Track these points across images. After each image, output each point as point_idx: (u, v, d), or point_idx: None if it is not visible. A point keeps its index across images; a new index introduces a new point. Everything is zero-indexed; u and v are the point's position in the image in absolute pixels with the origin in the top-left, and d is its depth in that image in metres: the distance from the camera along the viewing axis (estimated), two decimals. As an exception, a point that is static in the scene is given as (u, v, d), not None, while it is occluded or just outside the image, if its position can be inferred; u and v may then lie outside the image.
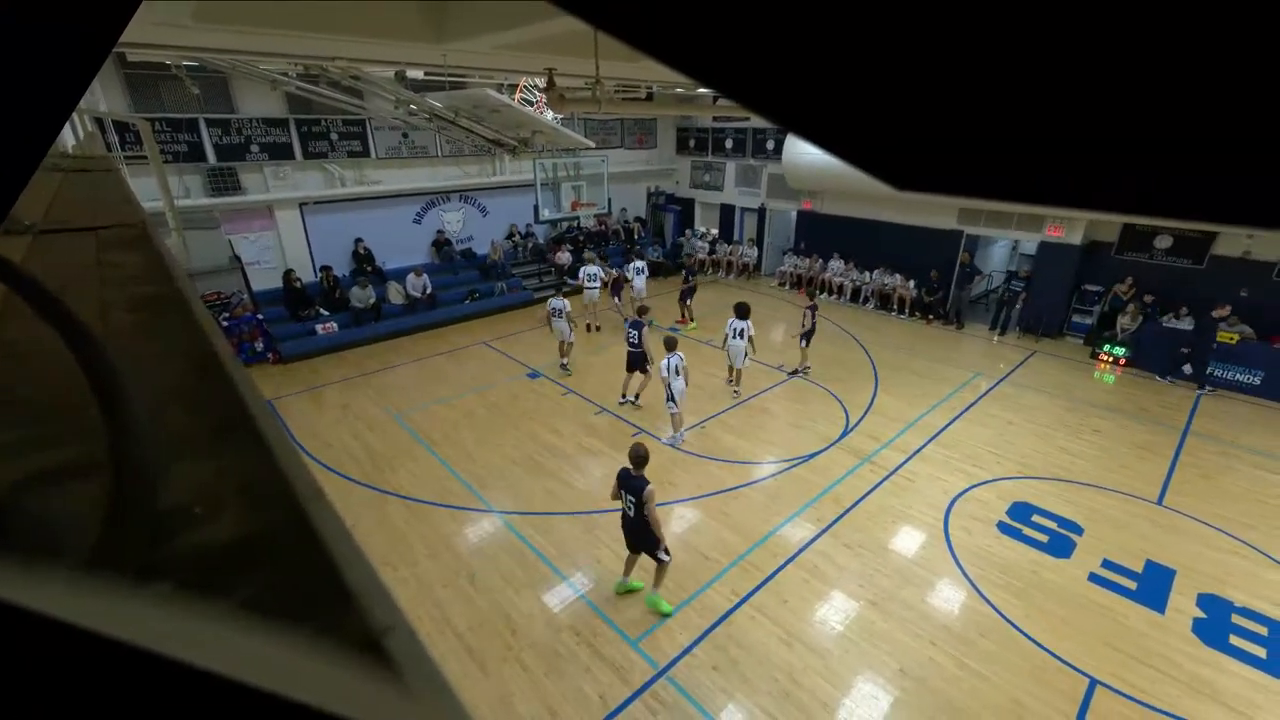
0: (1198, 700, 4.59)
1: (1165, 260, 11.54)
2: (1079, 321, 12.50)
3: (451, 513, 6.76)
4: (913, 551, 6.21)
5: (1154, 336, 10.97)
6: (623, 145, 17.86)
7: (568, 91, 7.72)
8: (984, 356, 11.76)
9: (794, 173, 14.83)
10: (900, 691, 4.64)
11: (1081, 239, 12.03)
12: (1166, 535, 6.51)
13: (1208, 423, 9.13)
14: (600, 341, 12.22)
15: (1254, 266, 10.65)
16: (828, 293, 15.51)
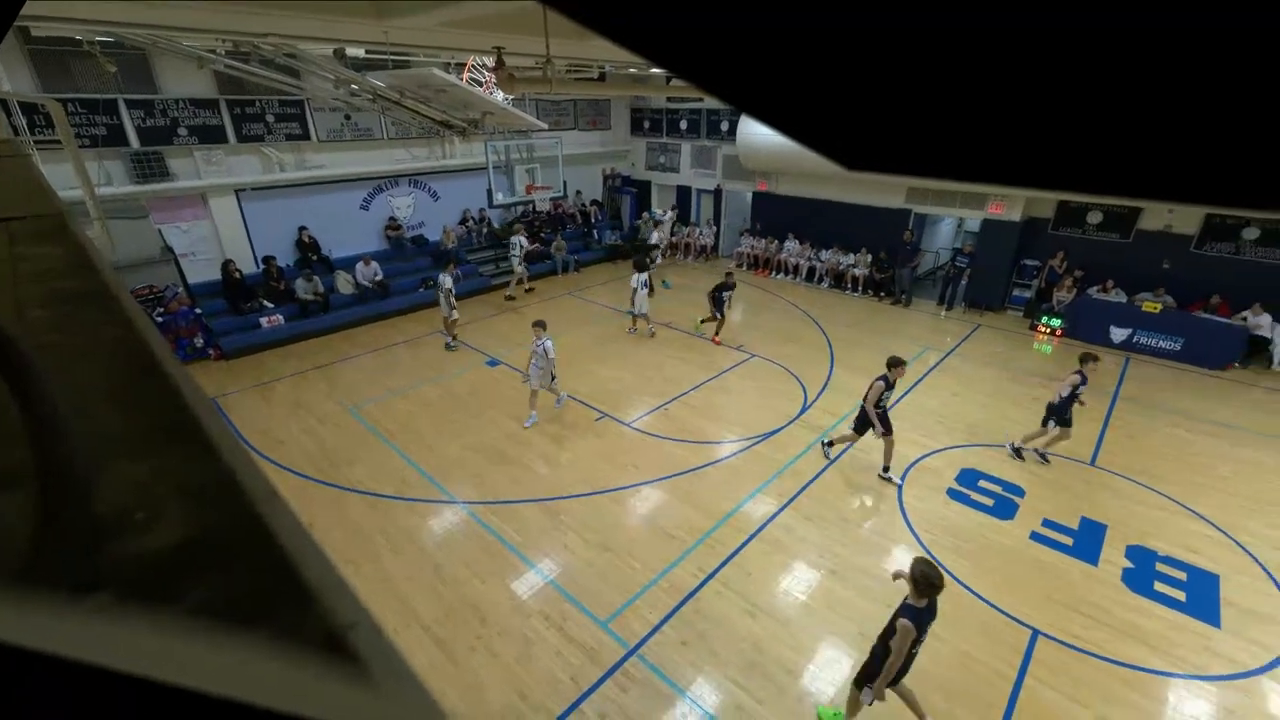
0: (1126, 643, 4.98)
1: (1096, 235, 12.20)
2: (1019, 295, 13.12)
3: (413, 506, 6.64)
4: (869, 520, 6.46)
5: (1086, 308, 11.63)
6: (576, 127, 17.58)
7: (518, 71, 7.52)
8: (932, 331, 12.22)
9: (748, 153, 14.93)
10: (860, 653, 4.85)
11: (1021, 216, 12.58)
12: (1098, 493, 6.97)
13: (1134, 387, 9.77)
14: (556, 329, 12.12)
15: (1175, 239, 11.38)
16: (784, 273, 15.78)
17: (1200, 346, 10.56)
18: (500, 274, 14.91)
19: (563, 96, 16.58)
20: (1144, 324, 11.02)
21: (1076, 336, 11.64)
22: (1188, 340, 10.67)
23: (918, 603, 3.84)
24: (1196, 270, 11.18)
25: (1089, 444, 8.00)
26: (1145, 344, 11.04)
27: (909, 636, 3.75)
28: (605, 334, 11.75)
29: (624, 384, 9.54)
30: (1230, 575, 5.74)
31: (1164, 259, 11.49)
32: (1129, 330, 11.17)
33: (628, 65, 9.65)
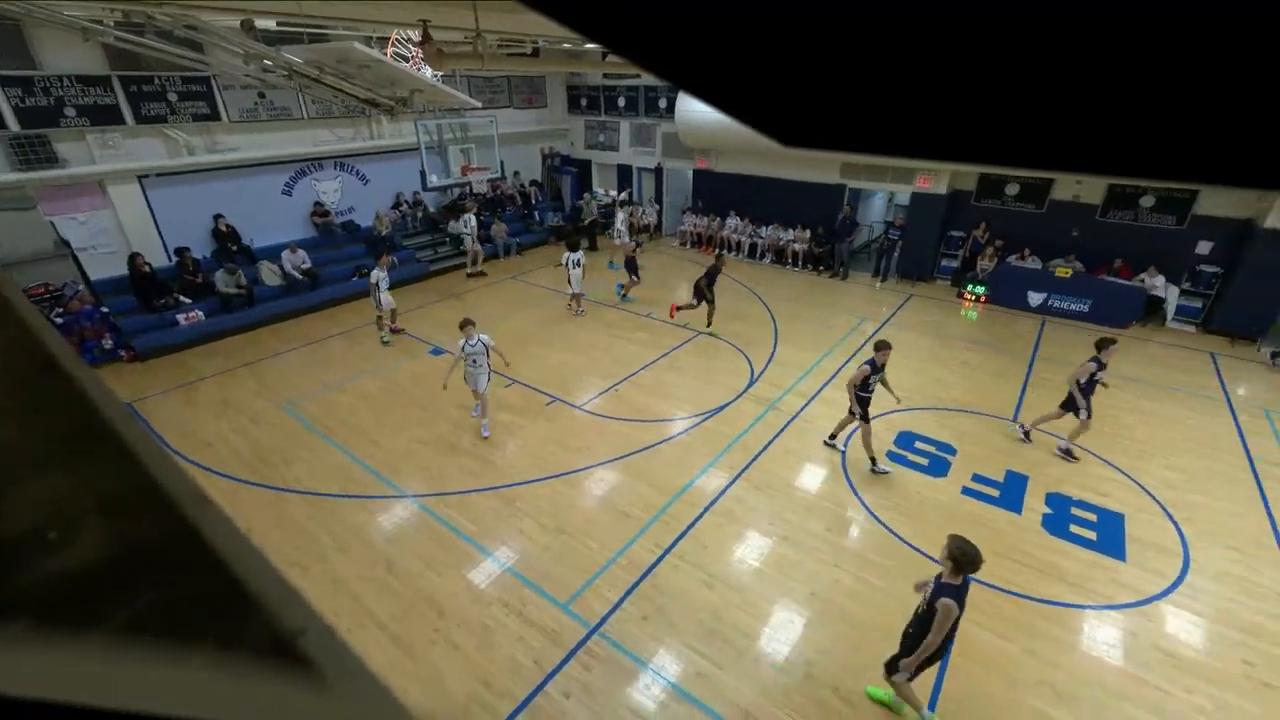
0: (1047, 582, 5.44)
1: (1014, 206, 12.95)
2: (946, 265, 13.82)
3: (359, 503, 6.43)
4: (816, 487, 6.74)
5: (1007, 275, 12.39)
6: (511, 105, 17.06)
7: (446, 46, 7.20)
8: (868, 302, 12.72)
9: (687, 130, 14.92)
10: (812, 612, 5.10)
11: (946, 189, 13.18)
12: (1020, 448, 7.52)
13: (1049, 348, 10.53)
14: (499, 314, 11.89)
15: (1083, 209, 12.23)
16: (726, 250, 15.98)
17: (1106, 307, 11.47)
18: (439, 259, 14.42)
19: (495, 73, 16.05)
20: (1057, 288, 11.86)
21: (998, 302, 12.40)
22: (1095, 302, 11.57)
23: (955, 580, 3.77)
24: (1101, 237, 12.07)
25: (1011, 402, 8.59)
26: (1058, 306, 11.89)
27: (952, 615, 3.68)
28: (550, 317, 11.62)
29: (573, 367, 9.49)
30: (1133, 514, 6.34)
31: (1073, 227, 12.34)
32: (1044, 294, 11.99)
33: (562, 40, 9.41)
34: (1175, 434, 7.83)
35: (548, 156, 18.78)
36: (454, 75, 14.05)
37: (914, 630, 3.97)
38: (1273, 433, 7.93)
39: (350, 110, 11.51)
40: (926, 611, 3.82)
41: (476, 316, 11.54)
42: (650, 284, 13.53)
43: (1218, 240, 11.13)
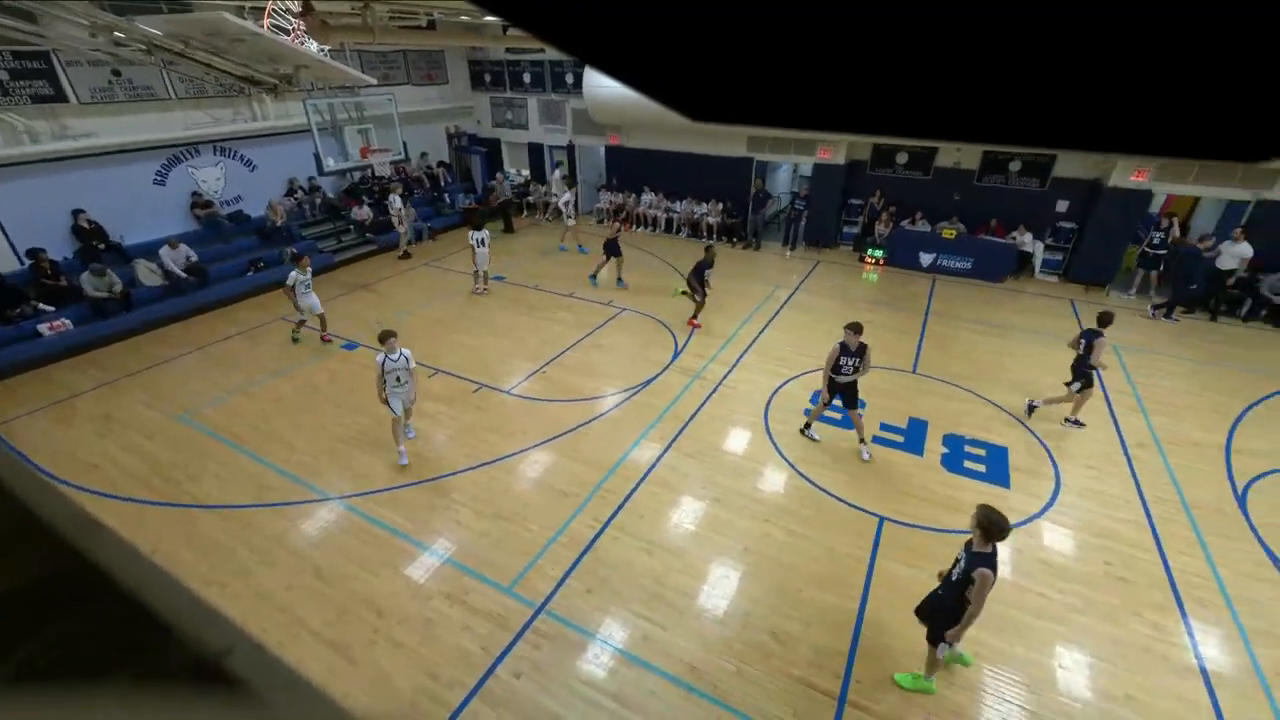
0: (949, 514, 6.00)
1: (904, 174, 13.79)
2: (848, 231, 14.57)
3: (279, 510, 6.02)
4: (742, 449, 7.02)
5: (901, 238, 13.25)
6: (410, 81, 16.04)
7: (331, 17, 6.64)
8: (780, 271, 13.22)
9: (596, 106, 14.68)
10: (746, 566, 5.36)
11: (844, 159, 13.82)
12: (920, 395, 8.17)
13: (939, 304, 11.43)
14: (415, 301, 11.36)
15: (963, 174, 13.22)
16: (643, 225, 16.01)
17: (984, 264, 12.57)
18: (344, 248, 13.49)
19: (389, 47, 14.98)
20: (944, 248, 12.84)
21: (895, 264, 13.27)
22: (976, 259, 12.64)
23: (985, 548, 3.79)
24: (979, 199, 13.14)
25: (910, 356, 9.28)
26: (946, 265, 12.89)
27: (989, 583, 3.70)
28: (470, 302, 11.23)
29: (498, 351, 9.26)
30: (1014, 446, 7.09)
31: (955, 192, 13.34)
32: (934, 255, 12.96)
33: (459, 12, 8.91)
34: (1045, 373, 8.77)
35: (454, 136, 17.89)
36: (343, 49, 12.98)
37: (943, 593, 4.05)
38: (1120, 365, 9.06)
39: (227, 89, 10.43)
40: (963, 580, 3.83)
41: (391, 306, 10.99)
42: (568, 263, 13.36)
43: (1073, 199, 12.43)
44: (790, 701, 4.22)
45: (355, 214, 13.90)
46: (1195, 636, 4.76)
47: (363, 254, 13.62)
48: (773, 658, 4.53)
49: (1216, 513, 6.09)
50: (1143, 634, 4.77)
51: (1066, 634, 4.76)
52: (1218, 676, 4.45)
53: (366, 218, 13.93)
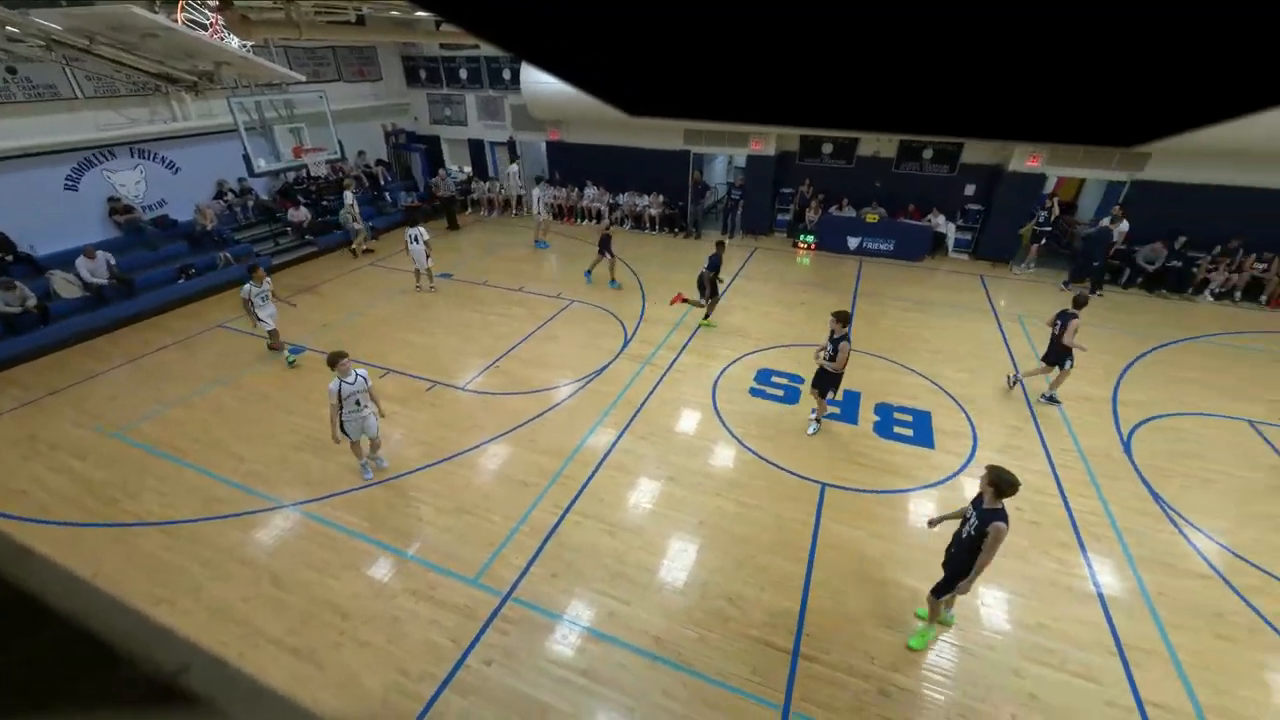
0: (881, 475, 6.31)
1: (830, 163, 14.21)
2: (781, 218, 14.91)
3: (229, 522, 5.68)
4: (693, 429, 7.13)
5: (830, 224, 13.68)
6: (342, 78, 15.19)
7: (252, 11, 6.19)
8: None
9: (535, 102, 14.35)
10: (702, 539, 5.48)
11: (775, 151, 14.09)
12: (854, 369, 8.47)
13: (867, 284, 11.90)
14: (362, 303, 10.89)
15: (882, 162, 13.75)
16: (587, 218, 15.85)
17: (905, 245, 13.16)
18: (281, 251, 12.71)
19: (317, 42, 14.13)
20: (868, 232, 13.35)
21: (825, 248, 13.70)
22: (897, 241, 13.22)
23: (996, 504, 3.90)
24: (897, 185, 13.72)
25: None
26: (871, 248, 13.42)
27: (1003, 536, 3.84)
28: (418, 301, 10.85)
29: (449, 348, 9.00)
30: (936, 410, 7.51)
31: (876, 179, 13.87)
32: (860, 238, 13.46)
33: (389, 7, 8.47)
34: (960, 342, 9.32)
35: (391, 134, 17.09)
36: (267, 45, 12.13)
37: (955, 550, 4.21)
38: (1023, 332, 9.73)
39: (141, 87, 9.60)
40: (976, 536, 3.95)
41: (337, 308, 10.48)
42: (516, 258, 13.10)
43: (978, 183, 13.15)
44: (749, 660, 4.36)
45: (292, 215, 13.10)
46: (1093, 567, 5.22)
47: (303, 256, 12.89)
48: (731, 621, 4.66)
49: (1106, 458, 6.67)
50: (1050, 569, 5.20)
51: (987, 575, 5.11)
52: (1112, 600, 4.91)
53: (304, 219, 13.16)
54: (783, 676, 4.25)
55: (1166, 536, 5.56)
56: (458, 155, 17.91)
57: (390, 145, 17.13)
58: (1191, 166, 11.08)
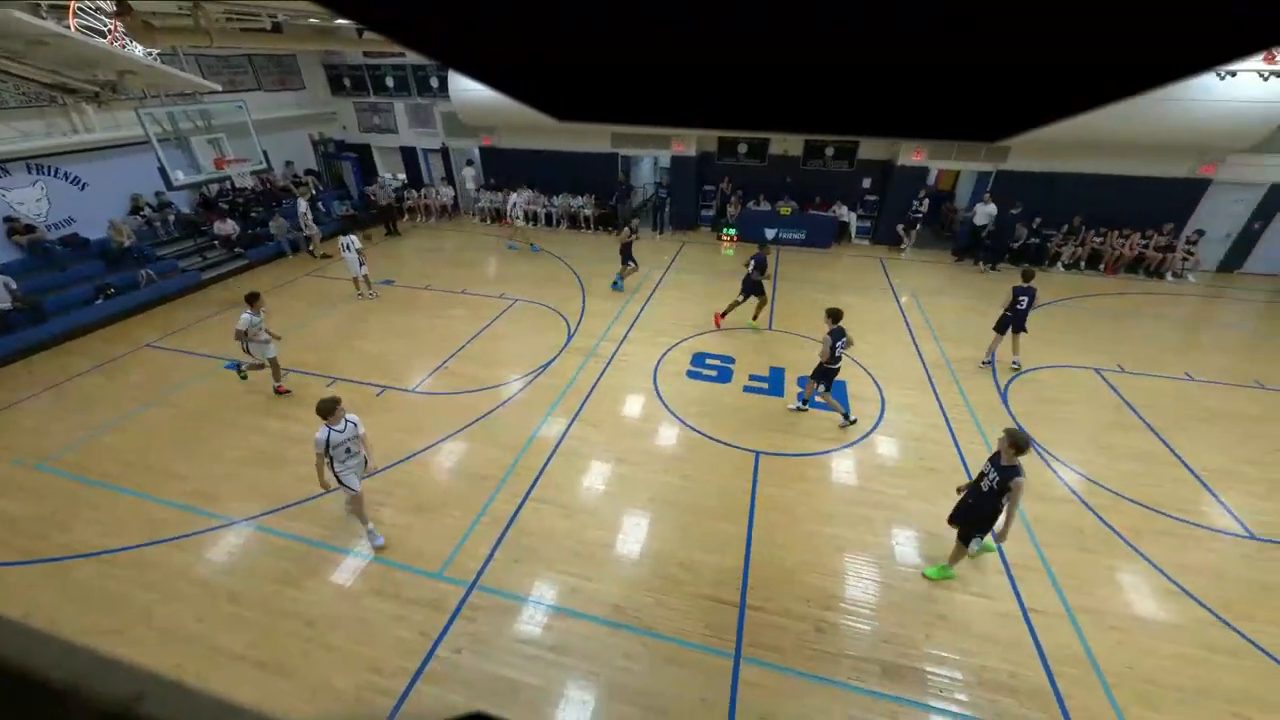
0: (806, 441, 6.62)
1: (745, 161, 14.55)
2: (705, 214, 15.17)
3: (176, 545, 5.20)
4: (638, 412, 7.19)
5: (749, 217, 14.05)
6: (261, 87, 13.97)
7: (155, 17, 5.58)
8: (653, 253, 13.48)
9: (465, 109, 13.80)
10: (653, 513, 5.55)
11: (696, 151, 14.27)
12: (776, 348, 8.84)
13: (784, 270, 12.34)
14: (303, 315, 10.18)
15: (791, 160, 14.22)
16: (525, 221, 15.48)
17: (814, 234, 13.74)
18: (211, 265, 11.64)
19: (231, 50, 12.90)
20: (783, 224, 13.83)
21: (746, 239, 14.07)
22: (808, 230, 13.77)
23: (1014, 461, 4.16)
24: (806, 180, 14.25)
25: (765, 316, 9.97)
26: (785, 237, 13.91)
27: (1023, 488, 4.15)
28: (360, 309, 10.26)
29: (396, 353, 8.59)
30: (850, 379, 7.94)
31: (787, 175, 14.35)
32: (775, 229, 13.91)
33: (306, 14, 7.85)
34: (866, 319, 9.87)
35: (319, 143, 15.94)
36: (175, 53, 10.97)
37: (974, 502, 4.46)
38: (918, 308, 10.42)
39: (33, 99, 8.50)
40: (998, 489, 4.22)
41: (276, 321, 9.74)
42: (457, 262, 12.64)
43: (874, 177, 13.89)
44: (702, 617, 4.49)
45: (218, 229, 12.00)
46: (983, 502, 5.73)
47: (235, 270, 11.86)
48: (684, 584, 4.77)
49: (989, 409, 7.30)
50: (948, 506, 5.64)
51: (899, 518, 5.51)
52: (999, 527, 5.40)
53: (232, 232, 12.09)
54: (733, 627, 4.41)
55: (1038, 471, 6.17)
56: (391, 163, 16.97)
57: (319, 154, 15.99)
58: (1043, 158, 12.19)
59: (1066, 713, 3.86)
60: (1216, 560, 5.08)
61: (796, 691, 3.98)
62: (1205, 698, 3.95)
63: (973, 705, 3.90)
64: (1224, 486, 5.95)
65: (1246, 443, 6.66)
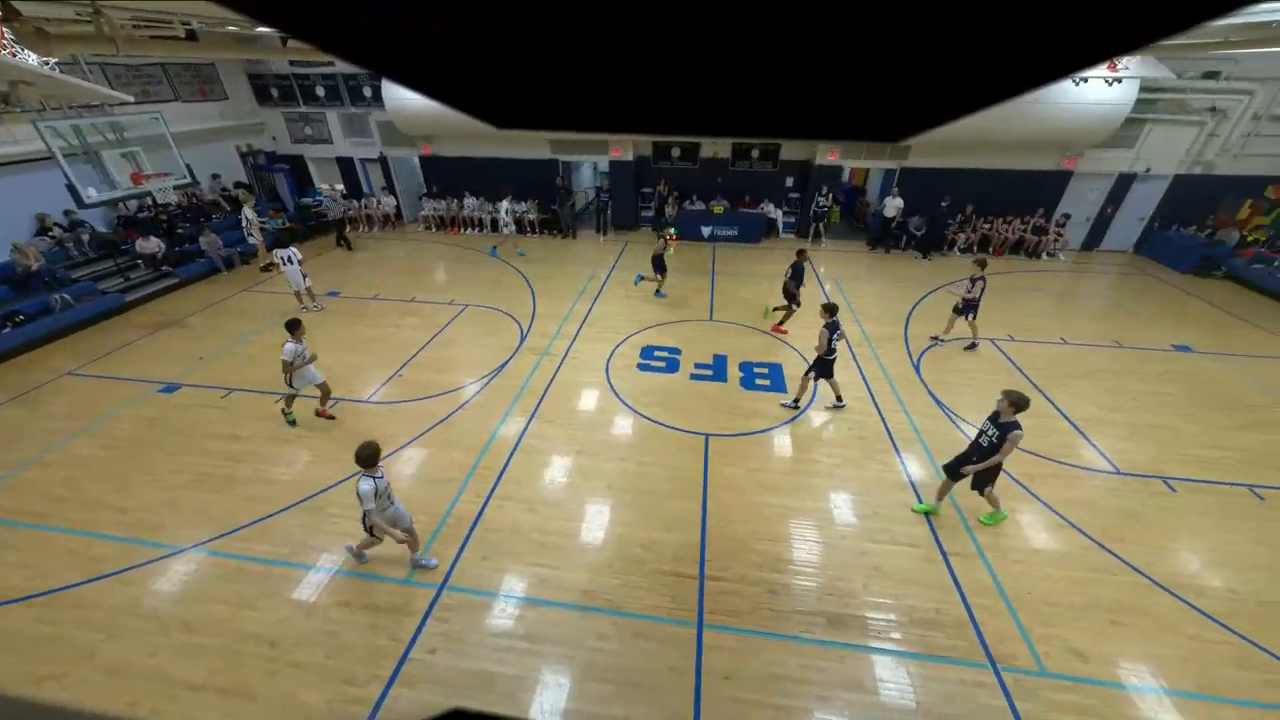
0: (750, 420, 6.82)
1: (680, 164, 14.70)
2: (646, 215, 15.22)
3: (118, 580, 4.72)
4: (593, 406, 7.16)
5: (686, 216, 14.23)
6: (179, 98, 12.71)
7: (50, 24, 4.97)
8: (597, 254, 13.42)
9: (401, 118, 13.15)
10: (614, 499, 5.56)
11: (633, 155, 14.27)
12: (719, 336, 9.03)
13: (721, 264, 12.61)
14: (244, 333, 9.44)
15: (720, 162, 14.49)
16: (471, 228, 14.99)
17: (746, 230, 14.10)
18: (132, 286, 10.54)
19: (142, 59, 11.67)
20: (717, 221, 14.10)
21: (685, 237, 14.24)
22: (740, 227, 14.11)
23: (1012, 417, 4.52)
24: (735, 181, 14.58)
25: (706, 308, 10.16)
26: (720, 234, 14.20)
27: (1019, 440, 4.50)
28: (307, 321, 9.54)
29: (349, 365, 8.12)
30: (785, 362, 8.24)
31: (718, 176, 14.62)
32: (711, 227, 14.17)
33: (224, 21, 7.19)
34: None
35: (248, 155, 14.72)
36: (75, 61, 9.79)
37: (978, 458, 4.80)
38: (841, 293, 10.93)
39: (-93, 112, 7.44)
40: (998, 443, 4.59)
41: (213, 339, 9.01)
42: (404, 270, 12.07)
43: (795, 176, 14.40)
44: (666, 591, 4.56)
45: (141, 247, 10.87)
46: (905, 463, 6.12)
47: (163, 289, 10.79)
48: (646, 564, 4.82)
49: (905, 380, 7.78)
50: (877, 470, 6.00)
51: (834, 484, 5.79)
52: (920, 485, 5.80)
53: (157, 250, 10.99)
54: (694, 598, 4.51)
55: (949, 432, 6.66)
56: (327, 174, 15.92)
57: (249, 167, 14.76)
58: (939, 156, 13.05)
59: (983, 638, 4.21)
60: (1092, 494, 5.68)
61: (755, 649, 4.13)
62: (1090, 610, 4.43)
63: (906, 642, 4.19)
64: (1095, 432, 6.64)
65: (1110, 394, 7.46)
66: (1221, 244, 11.86)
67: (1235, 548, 5.02)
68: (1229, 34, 8.52)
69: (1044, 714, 3.71)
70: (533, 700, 3.79)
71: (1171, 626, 4.30)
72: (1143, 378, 7.86)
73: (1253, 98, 11.14)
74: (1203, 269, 11.88)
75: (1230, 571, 4.77)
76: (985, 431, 4.78)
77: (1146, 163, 12.39)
